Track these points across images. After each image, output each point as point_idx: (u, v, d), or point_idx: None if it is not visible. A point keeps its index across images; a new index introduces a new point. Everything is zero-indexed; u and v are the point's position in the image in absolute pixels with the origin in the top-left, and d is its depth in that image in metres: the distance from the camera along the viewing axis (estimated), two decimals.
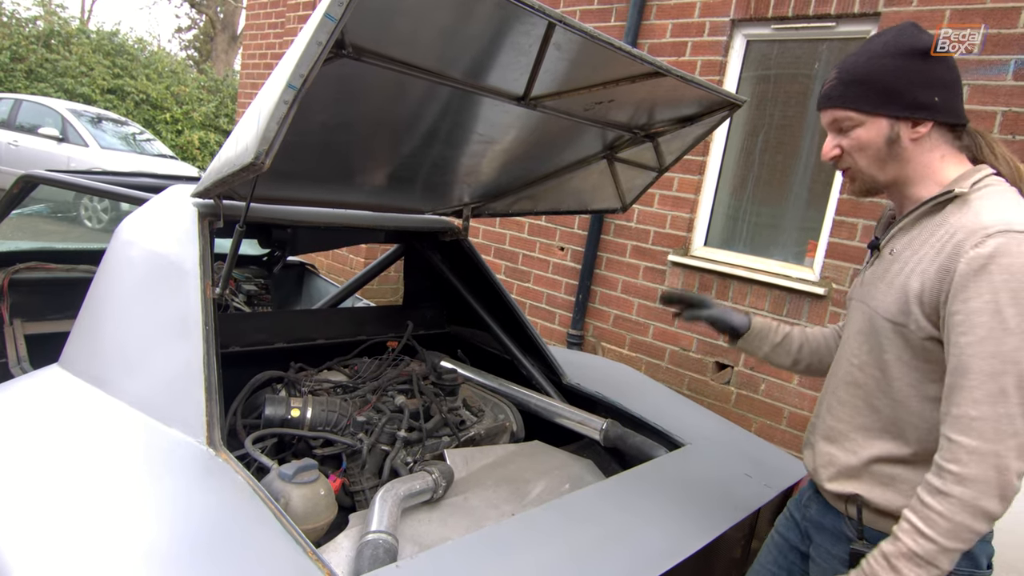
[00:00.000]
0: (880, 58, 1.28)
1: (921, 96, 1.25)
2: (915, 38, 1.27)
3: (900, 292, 1.26)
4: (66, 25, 16.50)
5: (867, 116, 1.29)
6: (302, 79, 1.14)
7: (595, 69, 1.74)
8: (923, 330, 1.23)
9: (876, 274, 1.36)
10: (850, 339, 1.41)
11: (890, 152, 1.30)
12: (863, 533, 1.34)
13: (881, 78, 1.27)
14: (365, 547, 1.41)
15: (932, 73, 1.26)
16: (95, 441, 1.53)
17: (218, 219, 1.80)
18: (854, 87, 1.30)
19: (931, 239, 1.24)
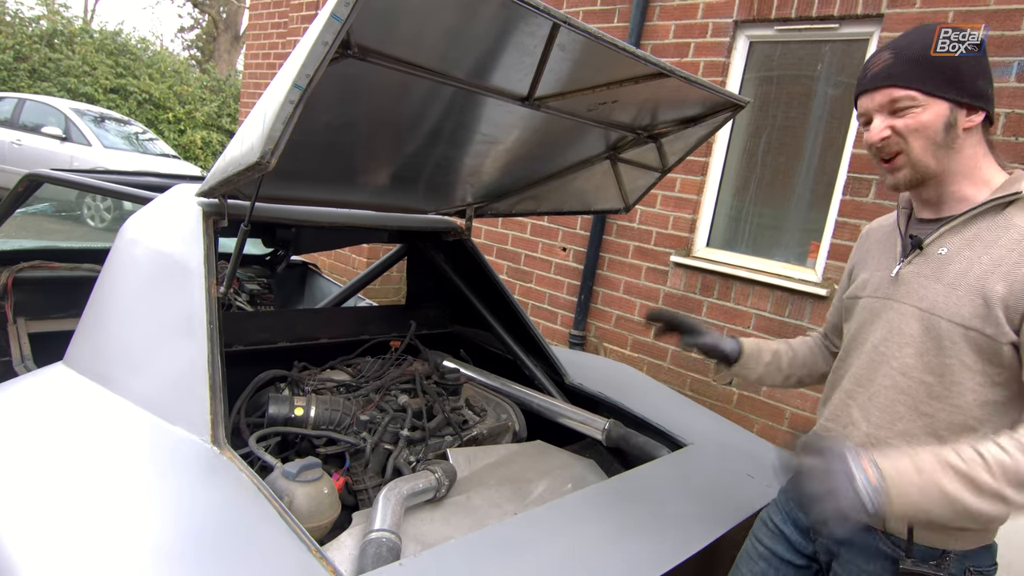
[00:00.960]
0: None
1: (981, 85, 1.23)
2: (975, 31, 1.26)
3: (974, 295, 1.21)
4: (69, 24, 16.53)
5: (929, 97, 1.24)
6: (308, 79, 1.15)
7: (599, 70, 1.74)
8: (1005, 335, 1.19)
9: (923, 274, 1.30)
10: (889, 342, 1.34)
11: (946, 138, 1.24)
12: (912, 550, 1.28)
13: (946, 61, 1.23)
14: (369, 545, 1.42)
15: (985, 65, 1.25)
16: (100, 439, 1.53)
17: (223, 218, 1.81)
18: (916, 66, 1.24)
19: (1000, 240, 1.21)
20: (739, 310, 4.04)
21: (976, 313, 1.21)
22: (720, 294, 4.12)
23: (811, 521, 1.25)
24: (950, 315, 1.24)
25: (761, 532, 1.60)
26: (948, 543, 1.28)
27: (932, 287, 1.28)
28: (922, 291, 1.29)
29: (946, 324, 1.24)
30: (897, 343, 1.32)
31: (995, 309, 1.19)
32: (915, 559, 1.28)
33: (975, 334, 1.21)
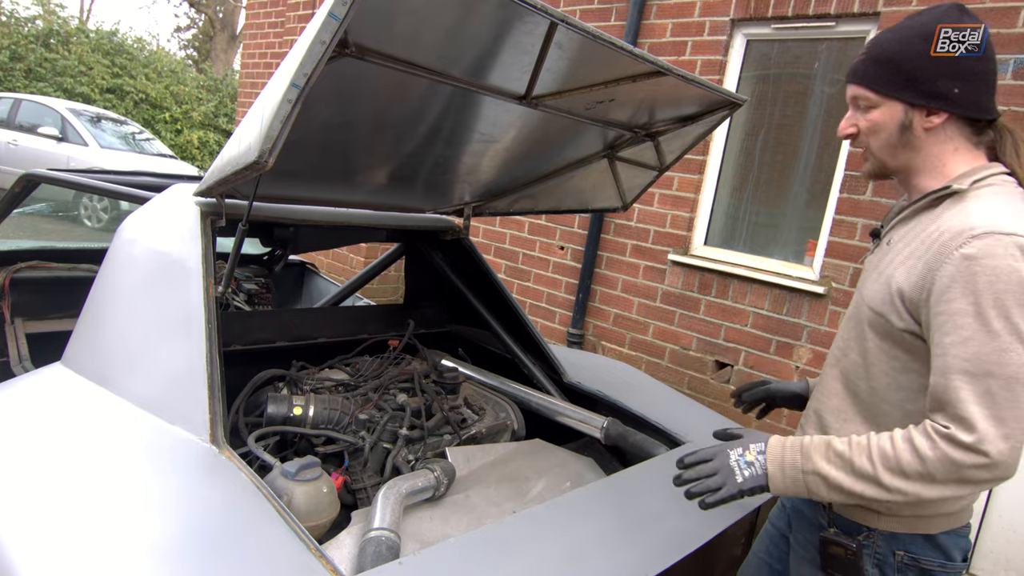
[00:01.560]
0: (909, 38, 1.25)
1: (941, 86, 1.22)
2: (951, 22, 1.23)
3: (885, 283, 1.27)
4: (65, 24, 16.49)
5: (883, 98, 1.27)
6: (306, 78, 1.15)
7: (596, 68, 1.75)
8: (903, 321, 1.23)
9: (872, 263, 1.38)
10: (843, 324, 1.43)
11: (901, 138, 1.27)
12: (834, 521, 1.37)
13: (905, 61, 1.23)
14: (368, 544, 1.42)
15: (959, 63, 1.21)
16: (98, 439, 1.53)
17: (220, 218, 1.81)
18: (878, 66, 1.27)
19: (922, 234, 1.24)
20: (737, 308, 4.05)
21: (883, 299, 1.26)
22: (718, 292, 4.12)
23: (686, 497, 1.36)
24: (869, 301, 1.31)
25: (775, 512, 1.68)
26: (869, 520, 1.33)
27: (872, 275, 1.35)
28: (867, 278, 1.37)
29: (864, 308, 1.32)
30: (847, 326, 1.40)
31: (895, 298, 1.24)
32: (836, 530, 1.36)
33: (881, 320, 1.27)
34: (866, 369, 1.32)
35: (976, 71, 1.22)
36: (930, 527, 1.31)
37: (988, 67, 1.24)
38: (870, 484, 1.17)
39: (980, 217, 1.15)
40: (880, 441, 1.18)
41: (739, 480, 1.28)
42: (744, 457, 1.30)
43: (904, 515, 1.30)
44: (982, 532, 3.14)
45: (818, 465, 1.22)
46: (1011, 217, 1.14)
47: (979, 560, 3.15)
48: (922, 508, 1.29)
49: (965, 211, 1.18)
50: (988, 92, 1.26)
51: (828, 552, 1.36)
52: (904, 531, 1.31)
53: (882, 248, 1.37)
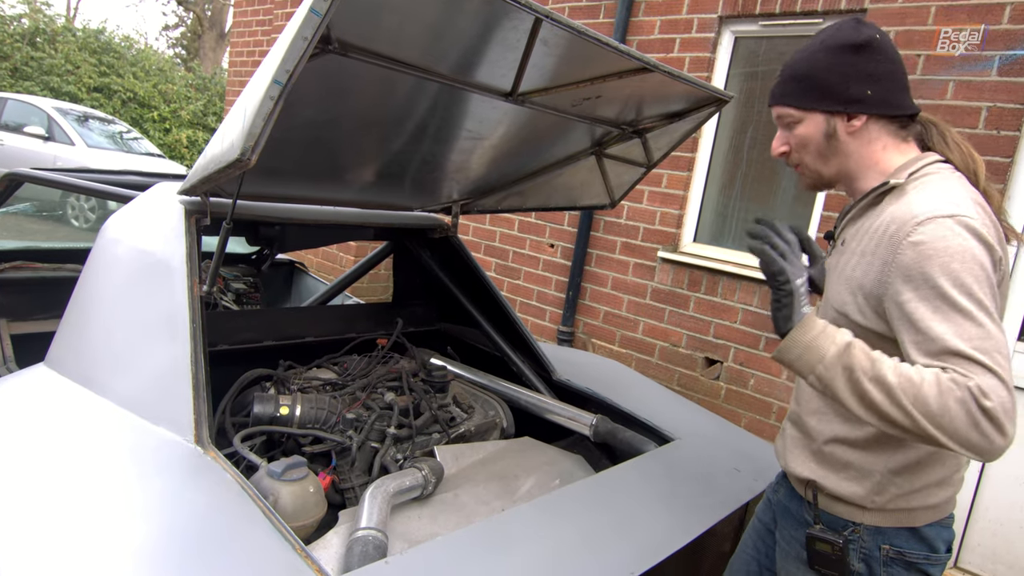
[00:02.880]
0: (815, 53, 1.31)
1: (853, 90, 1.27)
2: (851, 33, 1.28)
3: (846, 283, 1.29)
4: (51, 23, 16.35)
5: (804, 112, 1.32)
6: (288, 75, 1.14)
7: (582, 65, 1.74)
8: (866, 318, 1.25)
9: (831, 264, 1.39)
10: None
11: (829, 146, 1.32)
12: (820, 517, 1.37)
13: (815, 74, 1.30)
14: (355, 544, 1.41)
15: (865, 67, 1.27)
16: (82, 440, 1.52)
17: (205, 216, 1.79)
18: (792, 84, 1.33)
19: (871, 230, 1.26)
20: (726, 305, 4.05)
21: (847, 301, 1.28)
22: (707, 289, 4.13)
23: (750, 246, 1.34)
24: (834, 303, 1.32)
25: (761, 507, 1.69)
26: (855, 516, 1.33)
27: (832, 278, 1.36)
28: (830, 280, 1.38)
29: (832, 312, 1.33)
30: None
31: (856, 295, 1.26)
32: (823, 526, 1.36)
33: (844, 320, 1.28)
34: None
35: (884, 72, 1.28)
36: (915, 520, 1.32)
37: (894, 67, 1.29)
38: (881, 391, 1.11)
39: (920, 204, 1.18)
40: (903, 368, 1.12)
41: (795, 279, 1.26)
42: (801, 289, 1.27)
43: (889, 509, 1.31)
44: (969, 526, 3.16)
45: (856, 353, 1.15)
46: (950, 199, 1.17)
47: (967, 554, 3.17)
48: (906, 500, 1.30)
49: (906, 202, 1.21)
50: (900, 89, 1.30)
51: (814, 548, 1.36)
52: (890, 525, 1.32)
53: (838, 249, 1.39)
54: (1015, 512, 3.06)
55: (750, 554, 1.66)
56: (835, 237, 1.43)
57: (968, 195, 1.21)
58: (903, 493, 1.30)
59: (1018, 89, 3.00)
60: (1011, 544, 3.07)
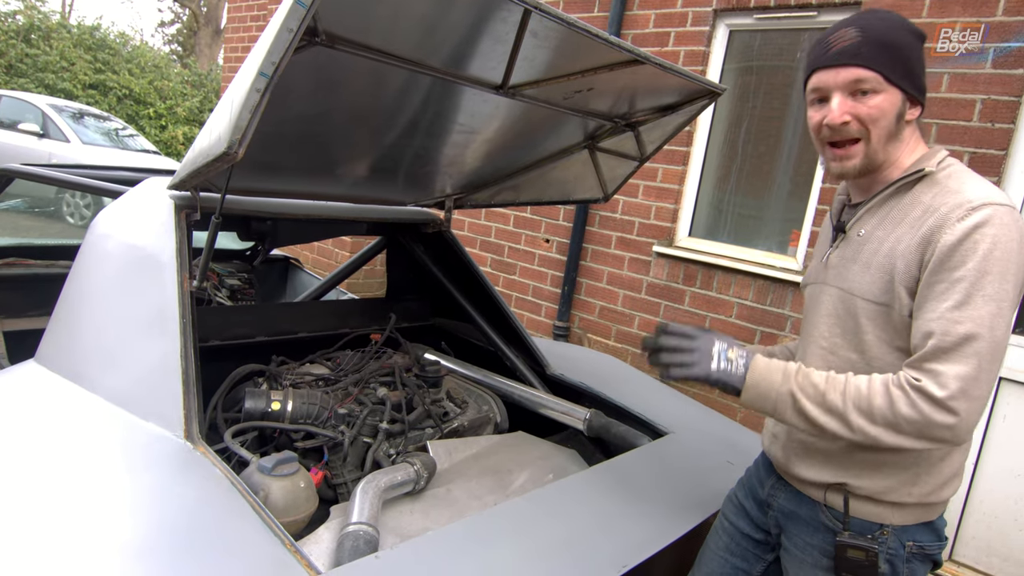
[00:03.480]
0: (899, 29, 1.26)
1: (922, 79, 1.28)
2: (912, 26, 1.28)
3: (882, 272, 1.27)
4: (46, 20, 16.28)
5: (891, 85, 1.24)
6: (273, 67, 1.13)
7: (573, 57, 1.73)
8: (907, 307, 1.24)
9: (846, 256, 1.36)
10: (818, 323, 1.40)
11: (896, 128, 1.28)
12: (849, 524, 1.34)
13: (903, 49, 1.25)
14: (345, 539, 1.41)
15: (923, 59, 1.28)
16: (71, 436, 1.51)
17: (195, 211, 1.78)
18: (882, 50, 1.23)
19: (906, 218, 1.25)
20: (721, 299, 4.05)
21: (884, 289, 1.26)
22: (702, 283, 4.13)
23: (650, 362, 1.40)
24: (863, 293, 1.30)
25: (727, 508, 1.66)
26: (885, 517, 1.33)
27: (851, 268, 1.33)
28: (844, 272, 1.35)
29: (861, 302, 1.30)
30: (827, 324, 1.38)
31: (896, 284, 1.24)
32: (852, 532, 1.34)
33: (885, 309, 1.27)
34: (867, 364, 1.30)
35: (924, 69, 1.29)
36: (932, 514, 1.34)
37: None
38: (835, 419, 1.21)
39: (973, 191, 1.19)
40: (856, 381, 1.21)
41: (712, 367, 1.33)
42: (727, 352, 1.34)
43: (910, 504, 1.31)
44: (964, 519, 3.17)
45: (793, 388, 1.26)
46: (995, 190, 1.20)
47: (961, 547, 3.18)
48: (939, 493, 1.32)
49: (952, 189, 1.22)
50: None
51: (845, 556, 1.33)
52: (913, 522, 1.32)
53: (852, 241, 1.36)
54: (1009, 505, 3.07)
55: (722, 555, 1.62)
56: (845, 230, 1.39)
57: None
58: (938, 483, 1.31)
59: (1012, 81, 2.99)
60: (1005, 537, 3.08)
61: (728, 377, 1.33)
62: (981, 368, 1.13)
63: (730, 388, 1.34)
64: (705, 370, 1.33)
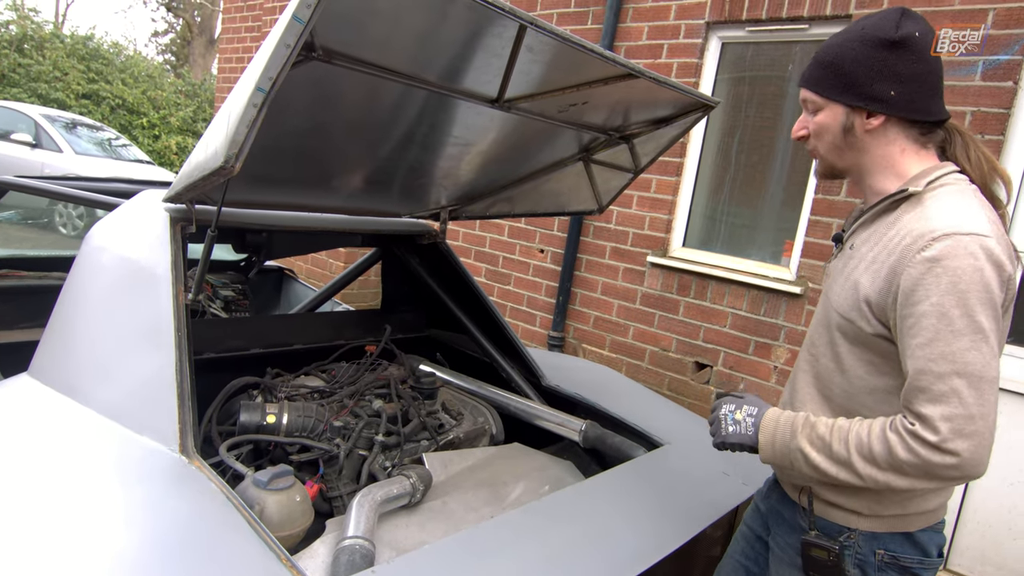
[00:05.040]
0: (850, 42, 1.27)
1: (877, 88, 1.24)
2: (890, 28, 1.24)
3: (852, 288, 1.28)
4: (39, 29, 16.26)
5: (826, 101, 1.30)
6: (271, 82, 1.13)
7: (568, 71, 1.74)
8: (871, 326, 1.25)
9: (837, 267, 1.39)
10: (812, 329, 1.44)
11: (845, 140, 1.31)
12: (815, 524, 1.37)
13: (845, 64, 1.27)
14: (341, 553, 1.40)
15: (894, 66, 1.23)
16: (65, 450, 1.50)
17: (190, 224, 1.78)
18: (820, 69, 1.31)
19: (884, 239, 1.26)
20: (715, 309, 4.07)
21: (851, 305, 1.28)
22: (696, 293, 4.14)
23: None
24: (838, 306, 1.32)
25: (748, 512, 1.68)
26: (850, 521, 1.34)
27: (838, 280, 1.35)
28: (833, 283, 1.37)
29: (835, 315, 1.33)
30: (817, 331, 1.41)
31: (862, 303, 1.25)
32: (818, 532, 1.36)
33: (850, 325, 1.28)
34: (840, 374, 1.33)
35: (914, 73, 1.24)
36: (909, 525, 1.32)
37: (927, 68, 1.25)
38: (844, 468, 1.21)
39: (939, 219, 1.17)
40: (858, 429, 1.22)
41: (724, 432, 1.38)
42: (733, 414, 1.39)
43: (884, 515, 1.31)
44: (958, 529, 3.18)
45: (801, 443, 1.27)
46: (969, 216, 1.16)
47: (956, 557, 3.19)
48: (902, 507, 1.30)
49: (924, 214, 1.20)
50: (929, 94, 1.26)
51: (810, 555, 1.36)
52: (884, 530, 1.32)
53: (846, 253, 1.37)
54: (1003, 514, 3.08)
55: (738, 560, 1.65)
56: (843, 241, 1.41)
57: (984, 211, 1.19)
58: (900, 500, 1.30)
59: (1001, 94, 3.02)
60: (999, 546, 3.08)
61: (742, 439, 1.37)
62: (967, 404, 1.10)
63: (751, 452, 1.37)
64: (721, 437, 1.39)
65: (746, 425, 1.37)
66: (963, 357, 1.11)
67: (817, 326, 1.41)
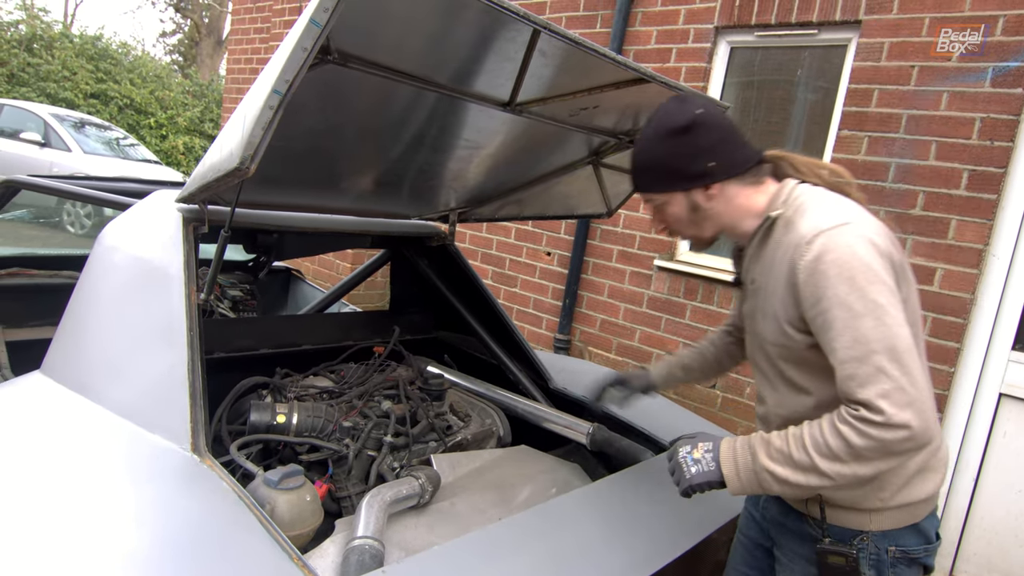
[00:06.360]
0: (652, 144, 1.41)
1: (696, 167, 1.37)
2: (676, 116, 1.37)
3: (773, 319, 1.34)
4: (49, 29, 16.34)
5: (664, 195, 1.43)
6: (287, 84, 1.14)
7: (580, 75, 1.75)
8: (804, 339, 1.29)
9: (753, 306, 1.44)
10: (759, 363, 1.48)
11: (698, 215, 1.42)
12: (828, 531, 1.38)
13: (658, 162, 1.40)
14: (351, 553, 1.41)
15: (697, 144, 1.36)
16: (77, 448, 1.51)
17: (203, 224, 1.79)
18: (644, 174, 1.45)
19: (774, 262, 1.34)
20: (722, 313, 4.06)
21: (780, 331, 1.33)
22: (703, 297, 4.14)
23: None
24: (770, 338, 1.37)
25: (742, 521, 1.70)
26: (863, 524, 1.36)
27: (756, 317, 1.42)
28: (754, 322, 1.44)
29: (770, 347, 1.39)
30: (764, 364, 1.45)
31: (783, 324, 1.31)
32: (832, 539, 1.37)
33: (785, 349, 1.34)
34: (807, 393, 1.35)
35: (716, 142, 1.37)
36: (916, 516, 1.36)
37: (724, 132, 1.39)
38: (811, 473, 1.22)
39: (806, 226, 1.26)
40: (812, 431, 1.24)
41: (687, 476, 1.37)
42: (691, 455, 1.38)
43: (891, 508, 1.33)
44: (965, 535, 3.17)
45: (764, 462, 1.28)
46: (828, 213, 1.27)
47: (962, 563, 3.18)
48: (909, 494, 1.33)
49: (794, 227, 1.29)
50: (738, 148, 1.40)
51: (827, 562, 1.36)
52: (895, 526, 1.35)
53: (750, 290, 1.45)
54: (1010, 521, 3.07)
55: (741, 569, 1.66)
56: (742, 281, 1.49)
57: (840, 203, 1.31)
58: (902, 483, 1.33)
59: (1011, 100, 3.02)
60: (1006, 553, 3.08)
61: (708, 477, 1.35)
62: (894, 377, 1.15)
63: (719, 488, 1.36)
64: (687, 481, 1.37)
65: (707, 461, 1.36)
66: (872, 335, 1.16)
67: (761, 361, 1.46)
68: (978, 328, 3.12)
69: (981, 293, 3.12)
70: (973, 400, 3.13)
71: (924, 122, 3.25)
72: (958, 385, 3.16)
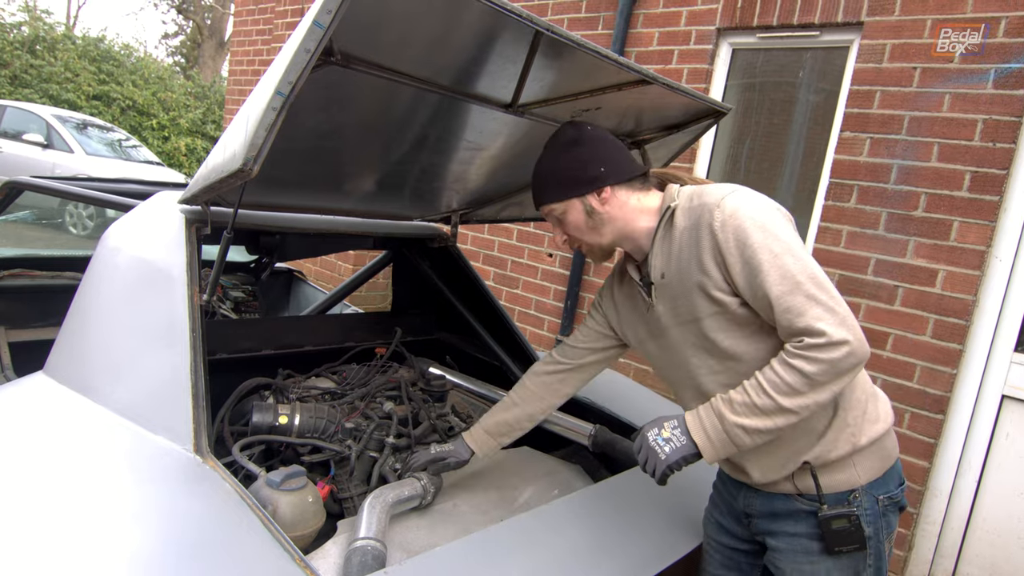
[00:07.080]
0: (551, 157, 1.56)
1: (590, 172, 1.50)
2: (570, 133, 1.55)
3: (699, 292, 1.41)
4: (51, 31, 16.39)
5: (564, 203, 1.54)
6: (290, 86, 1.14)
7: (582, 77, 1.75)
8: (735, 303, 1.38)
9: (668, 301, 1.50)
10: (688, 360, 1.50)
11: (594, 220, 1.53)
12: (824, 499, 1.42)
13: (558, 172, 1.54)
14: (353, 554, 1.41)
15: (590, 153, 1.52)
16: (80, 449, 1.51)
17: (205, 225, 1.80)
18: (544, 186, 1.56)
19: (684, 245, 1.43)
20: None
21: (710, 301, 1.41)
22: None
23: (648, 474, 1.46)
24: (699, 314, 1.44)
25: (709, 529, 1.71)
26: (852, 479, 1.43)
27: (677, 303, 1.48)
28: (675, 310, 1.49)
29: (704, 322, 1.44)
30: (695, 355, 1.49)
31: (714, 292, 1.39)
32: (829, 505, 1.42)
33: (720, 316, 1.41)
34: (749, 362, 1.40)
35: (605, 151, 1.53)
36: (889, 458, 1.47)
37: (611, 144, 1.56)
38: (777, 415, 1.29)
39: (709, 195, 1.40)
40: (766, 376, 1.31)
41: (663, 457, 1.40)
42: (660, 435, 1.42)
43: (865, 447, 1.42)
44: (967, 537, 3.16)
45: (732, 419, 1.33)
46: (721, 186, 1.42)
47: (965, 565, 3.17)
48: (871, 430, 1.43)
49: (698, 204, 1.41)
50: (625, 159, 1.55)
51: (831, 529, 1.41)
52: (877, 474, 1.44)
53: (661, 287, 1.51)
54: (1013, 523, 3.06)
55: (720, 573, 1.68)
56: (650, 293, 1.53)
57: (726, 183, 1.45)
58: (860, 414, 1.43)
59: (1013, 102, 3.02)
60: (1009, 555, 3.07)
61: (683, 451, 1.39)
62: (822, 300, 1.26)
63: (694, 460, 1.40)
64: (663, 462, 1.40)
65: (676, 437, 1.40)
66: (795, 268, 1.28)
67: (691, 352, 1.49)
68: (980, 330, 3.12)
69: (983, 295, 3.11)
70: (975, 402, 3.13)
71: (926, 124, 3.25)
72: (960, 387, 3.16)
